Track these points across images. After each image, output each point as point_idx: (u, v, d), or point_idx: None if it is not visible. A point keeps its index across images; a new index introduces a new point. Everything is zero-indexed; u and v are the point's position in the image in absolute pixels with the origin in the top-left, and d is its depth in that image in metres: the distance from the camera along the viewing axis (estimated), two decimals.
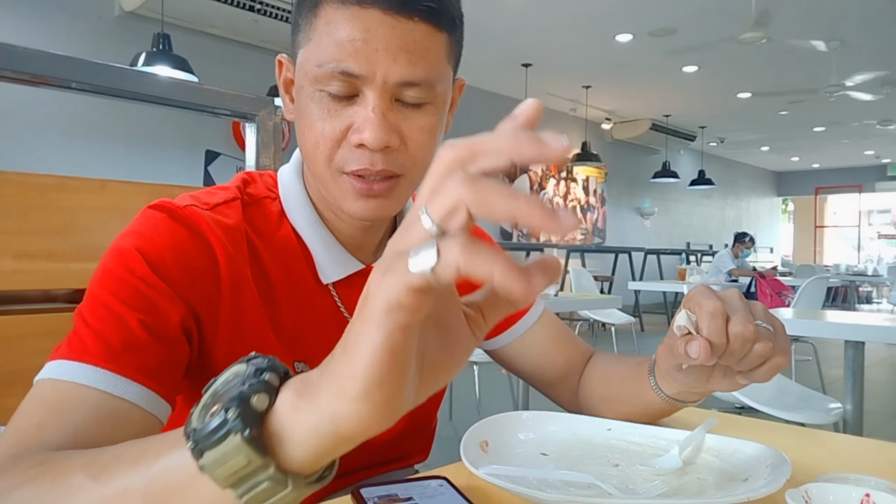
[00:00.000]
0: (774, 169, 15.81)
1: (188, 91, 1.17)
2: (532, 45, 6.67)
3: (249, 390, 0.34)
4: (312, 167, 0.67)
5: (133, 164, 5.06)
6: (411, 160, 0.65)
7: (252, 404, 0.34)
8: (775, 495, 0.49)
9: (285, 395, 0.35)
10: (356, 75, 0.61)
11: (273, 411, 0.35)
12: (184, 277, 0.62)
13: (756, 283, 5.94)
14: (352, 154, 0.63)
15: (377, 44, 0.60)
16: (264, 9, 5.19)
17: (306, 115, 0.65)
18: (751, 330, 0.55)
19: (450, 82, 0.68)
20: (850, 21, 5.97)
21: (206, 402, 0.36)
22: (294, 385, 0.35)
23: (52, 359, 0.56)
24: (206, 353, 0.65)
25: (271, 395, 0.35)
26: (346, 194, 0.65)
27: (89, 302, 0.59)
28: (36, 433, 0.51)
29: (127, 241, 0.62)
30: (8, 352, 0.85)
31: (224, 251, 0.65)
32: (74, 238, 0.94)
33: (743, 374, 0.60)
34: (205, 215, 0.65)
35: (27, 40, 4.47)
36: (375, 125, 0.61)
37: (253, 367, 0.36)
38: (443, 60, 0.65)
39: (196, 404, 0.37)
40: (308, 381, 0.35)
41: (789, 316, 2.48)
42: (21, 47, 0.95)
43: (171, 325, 0.60)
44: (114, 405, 0.54)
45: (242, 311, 0.66)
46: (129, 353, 0.56)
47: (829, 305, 10.45)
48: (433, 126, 0.66)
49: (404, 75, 0.61)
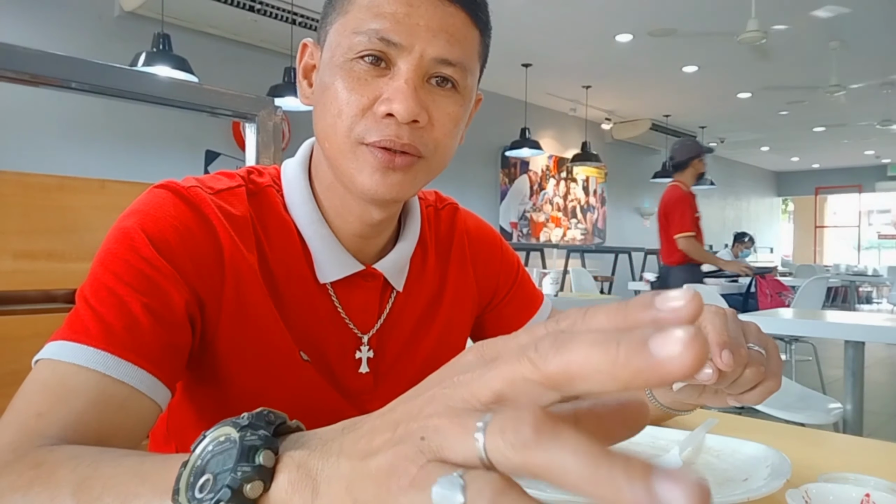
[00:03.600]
0: (774, 169, 15.80)
1: (188, 91, 1.17)
2: (532, 45, 6.66)
3: (242, 478, 0.32)
4: (330, 140, 0.64)
5: (133, 164, 5.06)
6: (434, 143, 0.64)
7: (245, 493, 0.32)
8: (775, 495, 0.49)
9: (282, 478, 0.32)
10: (395, 43, 0.60)
11: (267, 497, 0.32)
12: (188, 261, 0.61)
13: (756, 283, 5.93)
14: (377, 124, 0.61)
15: (419, 19, 0.60)
16: (264, 9, 5.18)
17: (331, 87, 0.63)
18: (742, 354, 0.55)
19: (476, 81, 0.68)
20: (850, 21, 5.97)
21: (194, 465, 0.34)
22: (292, 465, 0.32)
23: (52, 339, 0.56)
24: (207, 342, 0.64)
25: (266, 481, 0.32)
26: (364, 166, 0.63)
27: (92, 283, 0.58)
28: (35, 423, 0.50)
29: (131, 220, 0.61)
30: (8, 352, 0.85)
31: (229, 238, 0.64)
32: (74, 238, 0.94)
33: (733, 396, 0.59)
34: (210, 200, 0.64)
35: (27, 40, 4.47)
36: (407, 95, 0.60)
37: (247, 445, 0.33)
38: (475, 55, 0.66)
39: (183, 466, 0.35)
40: (310, 462, 0.32)
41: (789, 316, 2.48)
42: (21, 47, 0.95)
43: (174, 308, 0.59)
44: (113, 389, 0.53)
45: (247, 300, 0.64)
46: (130, 336, 0.55)
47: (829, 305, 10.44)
48: (459, 117, 0.65)
49: (442, 52, 0.61)
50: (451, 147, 0.67)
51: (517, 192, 8.93)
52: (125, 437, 0.54)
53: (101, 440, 0.52)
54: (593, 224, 10.28)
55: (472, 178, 8.09)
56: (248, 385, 0.66)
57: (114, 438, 0.53)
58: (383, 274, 0.73)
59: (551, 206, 9.52)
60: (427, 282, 0.79)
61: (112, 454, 0.44)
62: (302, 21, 5.34)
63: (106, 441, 0.52)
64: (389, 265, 0.73)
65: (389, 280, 0.74)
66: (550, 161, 9.46)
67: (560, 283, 2.76)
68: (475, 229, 0.87)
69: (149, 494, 0.38)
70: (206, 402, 0.69)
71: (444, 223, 0.84)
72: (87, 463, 0.43)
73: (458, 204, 0.89)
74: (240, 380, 0.66)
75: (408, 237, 0.76)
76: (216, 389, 0.67)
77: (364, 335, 0.73)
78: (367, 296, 0.73)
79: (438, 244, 0.82)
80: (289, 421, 0.35)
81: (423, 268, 0.79)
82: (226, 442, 0.34)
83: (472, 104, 0.70)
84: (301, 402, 0.68)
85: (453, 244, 0.83)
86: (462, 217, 0.87)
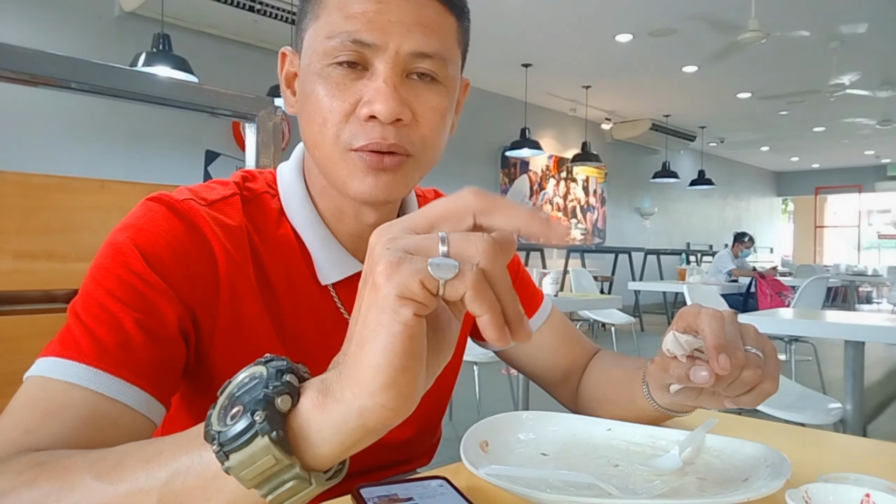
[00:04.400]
0: (774, 169, 15.81)
1: (188, 91, 1.17)
2: (532, 45, 6.67)
3: (273, 392, 0.35)
4: (319, 148, 0.64)
5: (133, 164, 5.06)
6: (421, 139, 0.63)
7: (277, 406, 0.35)
8: (775, 495, 0.49)
9: (308, 395, 0.36)
10: (368, 44, 0.59)
11: (296, 411, 0.36)
12: (181, 276, 0.60)
13: (756, 283, 5.93)
14: (361, 129, 0.61)
15: (391, 15, 0.59)
16: (264, 9, 5.19)
17: (312, 95, 0.62)
18: (739, 357, 0.55)
19: (458, 69, 0.67)
20: (850, 21, 5.97)
21: (223, 405, 0.37)
22: (315, 385, 0.37)
23: (43, 355, 0.55)
24: (202, 355, 0.64)
25: (294, 396, 0.36)
26: (355, 171, 0.62)
27: (84, 298, 0.58)
28: (24, 438, 0.49)
29: (123, 235, 0.60)
30: (8, 352, 0.85)
31: (223, 251, 0.63)
32: (74, 238, 0.94)
33: (730, 399, 0.60)
34: (203, 212, 0.64)
35: (27, 40, 4.47)
36: (387, 95, 0.59)
37: (273, 369, 0.37)
38: (454, 43, 0.64)
39: (213, 406, 0.38)
40: (327, 380, 0.36)
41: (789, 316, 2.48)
42: (21, 47, 0.95)
43: (167, 324, 0.58)
44: (106, 407, 0.52)
45: (242, 312, 0.64)
46: (123, 354, 0.54)
47: (829, 305, 10.44)
48: (444, 109, 0.64)
49: (418, 46, 0.60)
50: (439, 141, 0.66)
51: (517, 192, 8.92)
52: None
53: None
54: (593, 224, 10.28)
55: (472, 178, 8.09)
56: None
57: None
58: None
59: (551, 206, 9.52)
60: None
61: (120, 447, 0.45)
62: None
63: None
64: None
65: None
66: (550, 161, 9.46)
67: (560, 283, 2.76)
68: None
69: (173, 447, 0.40)
70: (202, 413, 0.68)
71: None
72: (94, 452, 0.44)
73: None
74: None
75: None
76: (212, 401, 0.66)
77: None
78: None
79: None
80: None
81: None
82: (250, 382, 0.38)
83: (458, 92, 0.69)
84: None
85: None
86: None
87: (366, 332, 0.34)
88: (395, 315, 0.33)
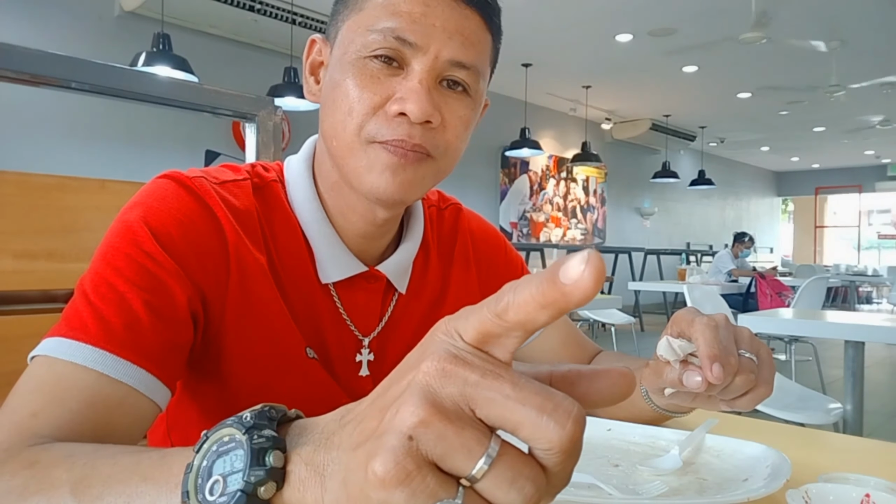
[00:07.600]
0: (774, 169, 15.81)
1: (188, 91, 1.17)
2: (532, 45, 6.66)
3: (256, 482, 0.32)
4: (339, 138, 0.63)
5: (133, 164, 5.06)
6: (445, 144, 0.64)
7: (259, 496, 0.32)
8: (775, 495, 0.49)
9: (292, 482, 0.32)
10: (410, 43, 0.60)
11: (280, 494, 0.32)
12: (192, 255, 0.60)
13: (756, 283, 5.93)
14: (388, 124, 0.61)
15: (435, 20, 0.60)
16: (264, 9, 5.19)
17: (342, 84, 0.62)
18: (732, 363, 0.55)
19: (486, 85, 0.68)
20: (850, 21, 5.97)
21: (200, 469, 0.34)
22: (299, 468, 0.32)
23: (50, 335, 0.54)
24: (210, 338, 0.63)
25: (278, 481, 0.32)
26: (374, 164, 0.62)
27: (92, 277, 0.57)
28: (30, 423, 0.50)
29: (134, 213, 0.60)
30: (8, 352, 0.85)
31: (233, 230, 0.63)
32: (74, 238, 0.94)
33: (725, 402, 0.60)
34: (214, 191, 0.63)
35: (27, 40, 4.47)
36: (421, 96, 0.59)
37: (256, 448, 0.32)
38: (487, 59, 0.66)
39: (188, 468, 0.34)
40: (313, 462, 0.32)
41: (789, 316, 2.48)
42: (21, 47, 0.95)
43: (177, 305, 0.58)
44: (111, 389, 0.53)
45: (252, 294, 0.63)
46: (130, 335, 0.54)
47: (829, 305, 10.45)
48: (469, 120, 0.65)
49: (457, 55, 0.61)
50: (459, 150, 0.67)
51: (517, 192, 8.93)
52: (122, 436, 0.53)
53: (97, 439, 0.51)
54: (593, 224, 10.28)
55: (472, 178, 8.09)
56: (251, 381, 0.65)
57: (110, 438, 0.52)
58: (386, 276, 0.72)
59: (551, 206, 9.52)
60: (429, 283, 0.78)
61: (107, 451, 0.44)
62: (302, 21, 5.34)
63: (102, 440, 0.51)
64: (393, 267, 0.73)
65: (393, 282, 0.73)
66: (550, 161, 9.46)
67: None
68: (479, 230, 0.87)
69: (153, 493, 0.38)
70: (207, 398, 0.68)
71: (446, 223, 0.84)
72: (82, 462, 0.43)
73: (462, 204, 0.88)
74: (243, 376, 0.65)
75: (411, 238, 0.76)
76: (218, 386, 0.66)
77: (365, 338, 0.72)
78: (370, 298, 0.72)
79: (441, 245, 0.82)
80: (288, 412, 0.35)
81: (426, 269, 0.78)
82: (230, 442, 0.34)
83: (481, 108, 0.69)
84: (305, 399, 0.67)
85: (456, 245, 0.83)
86: (465, 218, 0.86)
87: (361, 443, 0.29)
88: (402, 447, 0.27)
